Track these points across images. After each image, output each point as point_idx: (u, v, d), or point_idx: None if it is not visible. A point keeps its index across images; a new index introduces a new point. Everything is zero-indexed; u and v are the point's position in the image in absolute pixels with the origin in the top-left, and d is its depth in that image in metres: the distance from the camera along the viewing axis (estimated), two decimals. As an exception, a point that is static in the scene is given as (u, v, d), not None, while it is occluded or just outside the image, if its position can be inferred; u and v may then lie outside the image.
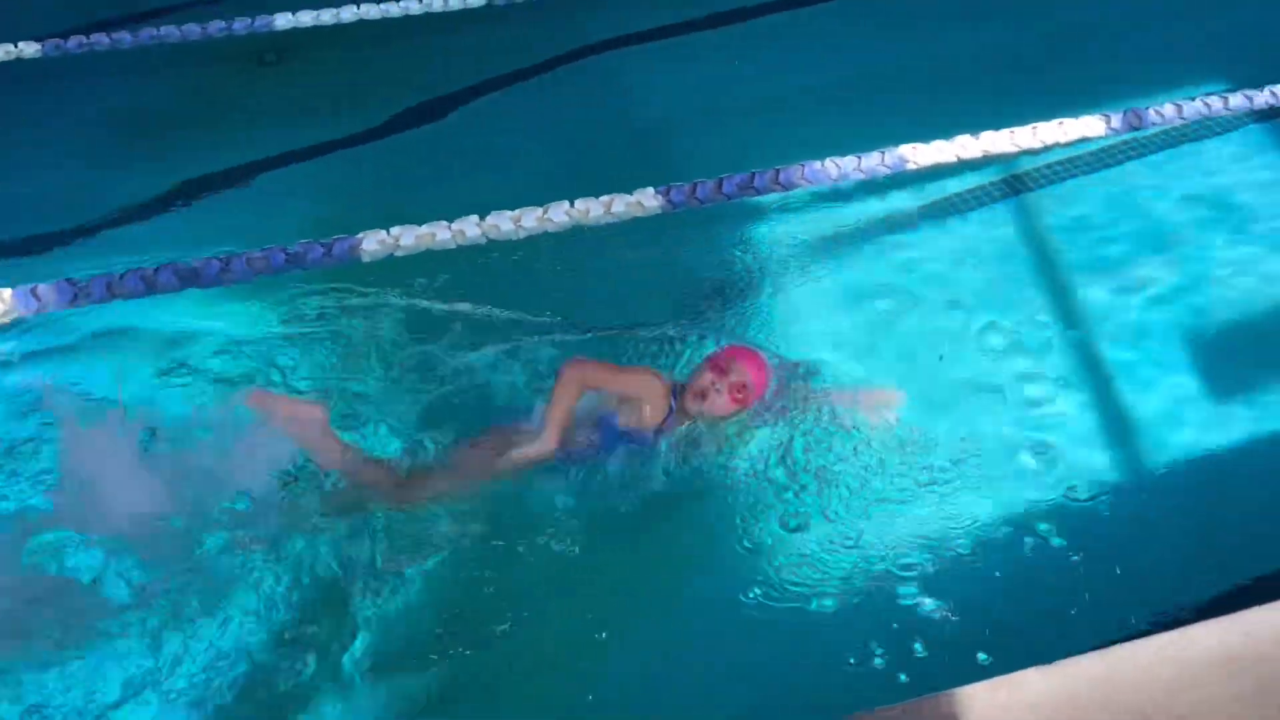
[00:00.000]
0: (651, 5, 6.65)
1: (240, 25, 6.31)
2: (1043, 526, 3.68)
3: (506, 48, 6.44)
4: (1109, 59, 5.96)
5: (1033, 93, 5.63)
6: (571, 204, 4.90)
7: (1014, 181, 5.24)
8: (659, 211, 4.89)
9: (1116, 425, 4.13)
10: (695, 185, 4.99)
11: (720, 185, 5.00)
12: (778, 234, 4.94)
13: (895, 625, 3.37)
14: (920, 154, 5.16)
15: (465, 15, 6.60)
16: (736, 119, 5.77)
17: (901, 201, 5.10)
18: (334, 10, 6.45)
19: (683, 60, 6.33)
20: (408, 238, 4.72)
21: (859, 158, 5.16)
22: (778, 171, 5.08)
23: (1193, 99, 5.48)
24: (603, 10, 6.62)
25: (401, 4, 6.70)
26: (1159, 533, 3.69)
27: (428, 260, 4.69)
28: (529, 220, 4.82)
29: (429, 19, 6.60)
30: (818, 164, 5.12)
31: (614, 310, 4.46)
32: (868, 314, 4.61)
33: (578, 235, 4.84)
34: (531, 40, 6.50)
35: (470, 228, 4.77)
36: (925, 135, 5.21)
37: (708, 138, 5.59)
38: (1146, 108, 5.41)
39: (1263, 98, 5.51)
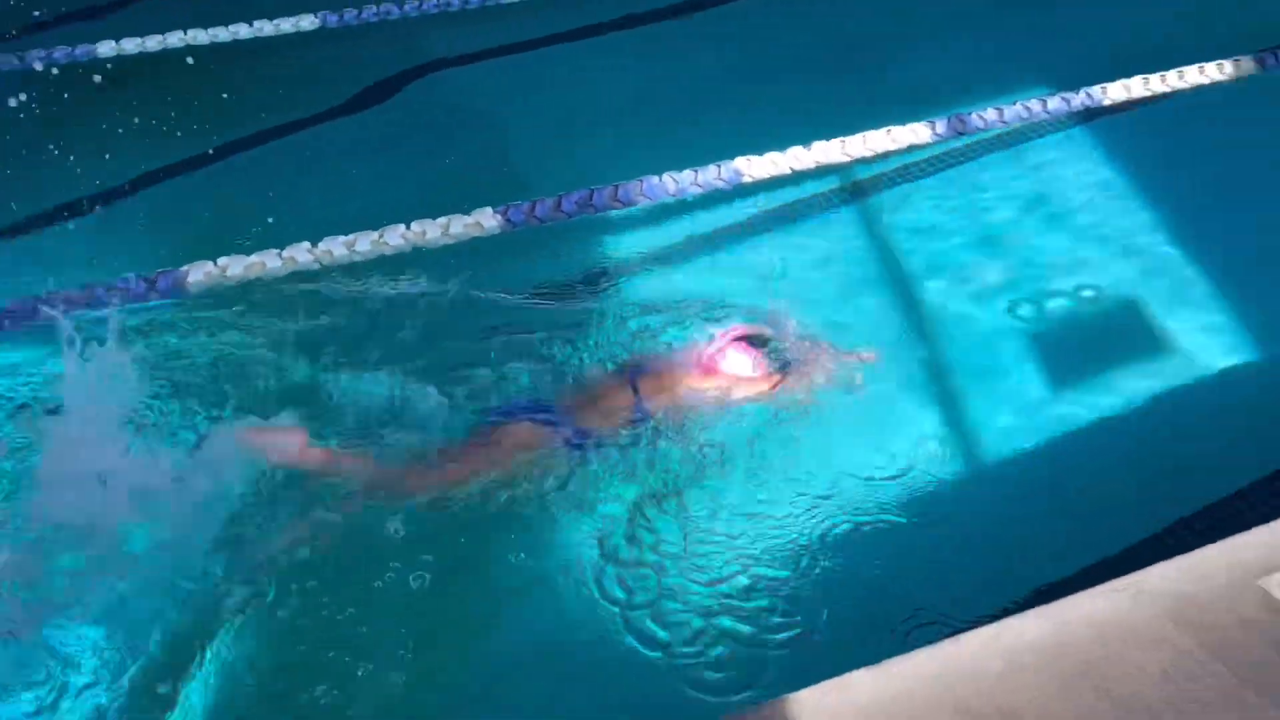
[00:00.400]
0: (488, 25, 6.58)
1: (61, 54, 6.04)
2: (870, 528, 3.69)
3: (343, 70, 6.31)
4: (933, 68, 6.10)
5: (862, 103, 5.73)
6: (408, 226, 4.78)
7: (848, 190, 5.30)
8: (498, 231, 4.82)
9: (952, 423, 4.18)
10: (534, 204, 4.93)
11: (559, 203, 4.96)
12: (617, 249, 4.90)
13: (742, 633, 3.33)
14: (755, 166, 5.19)
15: (299, 38, 6.44)
16: (577, 137, 5.74)
17: (739, 213, 5.11)
18: (159, 36, 6.22)
19: (522, 80, 6.27)
20: (236, 268, 4.54)
21: (696, 171, 5.17)
22: (616, 188, 5.06)
23: (1014, 103, 5.62)
24: (438, 30, 6.53)
25: (231, 28, 6.50)
26: (985, 525, 3.73)
27: (259, 287, 4.53)
28: (363, 245, 4.68)
29: (260, 42, 6.42)
30: (655, 179, 5.11)
31: (449, 333, 4.35)
32: (715, 324, 4.58)
33: (416, 258, 4.72)
34: (369, 61, 6.38)
35: (302, 254, 4.62)
36: (759, 148, 5.24)
37: (548, 157, 5.54)
38: (970, 113, 5.53)
39: (1079, 99, 5.69)
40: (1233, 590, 2.56)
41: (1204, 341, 4.44)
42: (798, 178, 5.23)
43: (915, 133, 5.42)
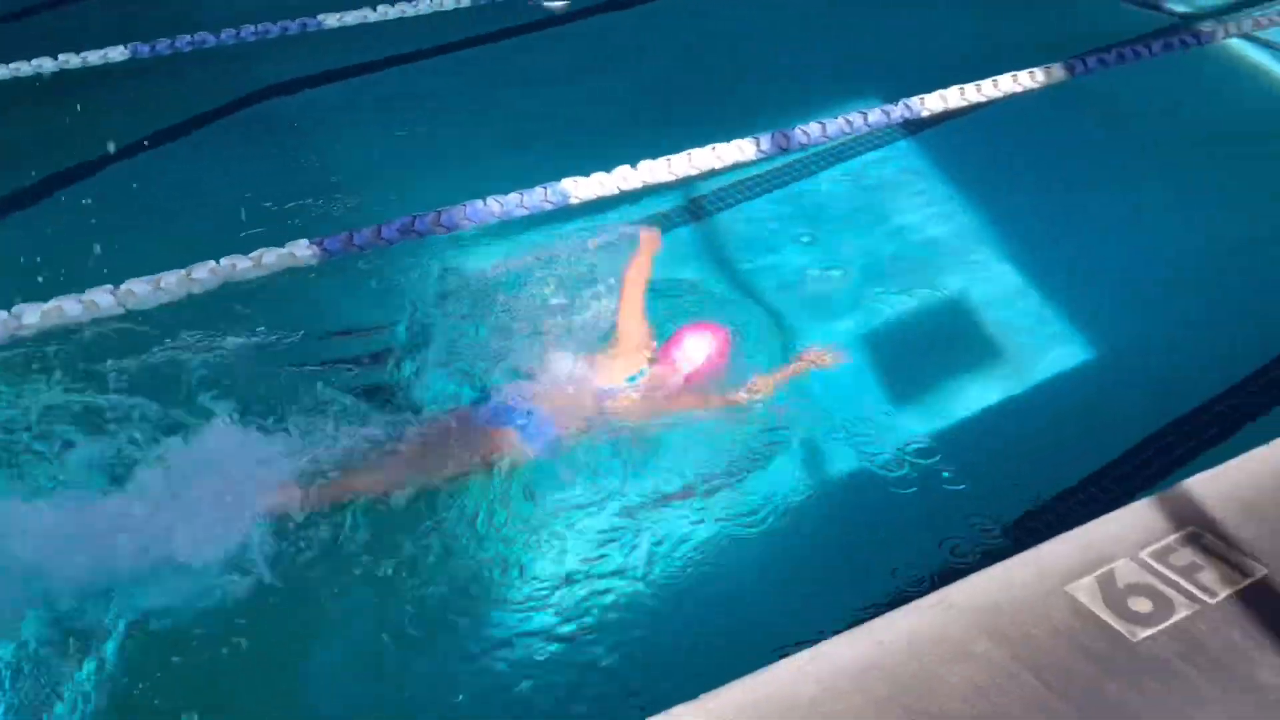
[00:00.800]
0: (309, 52, 6.37)
1: None
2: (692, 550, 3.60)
3: (155, 103, 6.01)
4: (758, 86, 6.13)
5: (688, 122, 5.70)
6: (218, 261, 4.54)
7: (676, 208, 5.24)
8: (314, 262, 4.60)
9: (782, 438, 4.12)
10: (352, 233, 4.74)
11: (379, 231, 4.77)
12: (440, 273, 4.73)
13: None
14: (582, 187, 5.09)
15: (106, 71, 6.12)
16: (401, 163, 5.57)
17: (568, 234, 5.00)
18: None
19: (344, 106, 6.08)
20: (31, 315, 4.24)
21: (521, 194, 5.05)
22: (439, 213, 4.90)
23: (836, 117, 5.65)
24: (256, 58, 6.29)
25: (35, 62, 6.15)
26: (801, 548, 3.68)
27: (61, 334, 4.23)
28: (169, 282, 4.42)
29: (67, 76, 6.09)
30: (480, 203, 4.97)
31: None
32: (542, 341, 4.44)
33: (226, 292, 4.48)
34: (183, 93, 6.09)
35: (103, 297, 4.33)
36: (586, 169, 5.14)
37: (371, 184, 5.35)
38: (794, 128, 5.53)
39: (899, 111, 5.75)
40: (1042, 599, 2.53)
41: (1031, 341, 4.50)
42: (625, 198, 5.14)
43: (741, 150, 5.40)
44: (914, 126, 5.84)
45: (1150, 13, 7.30)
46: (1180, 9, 7.33)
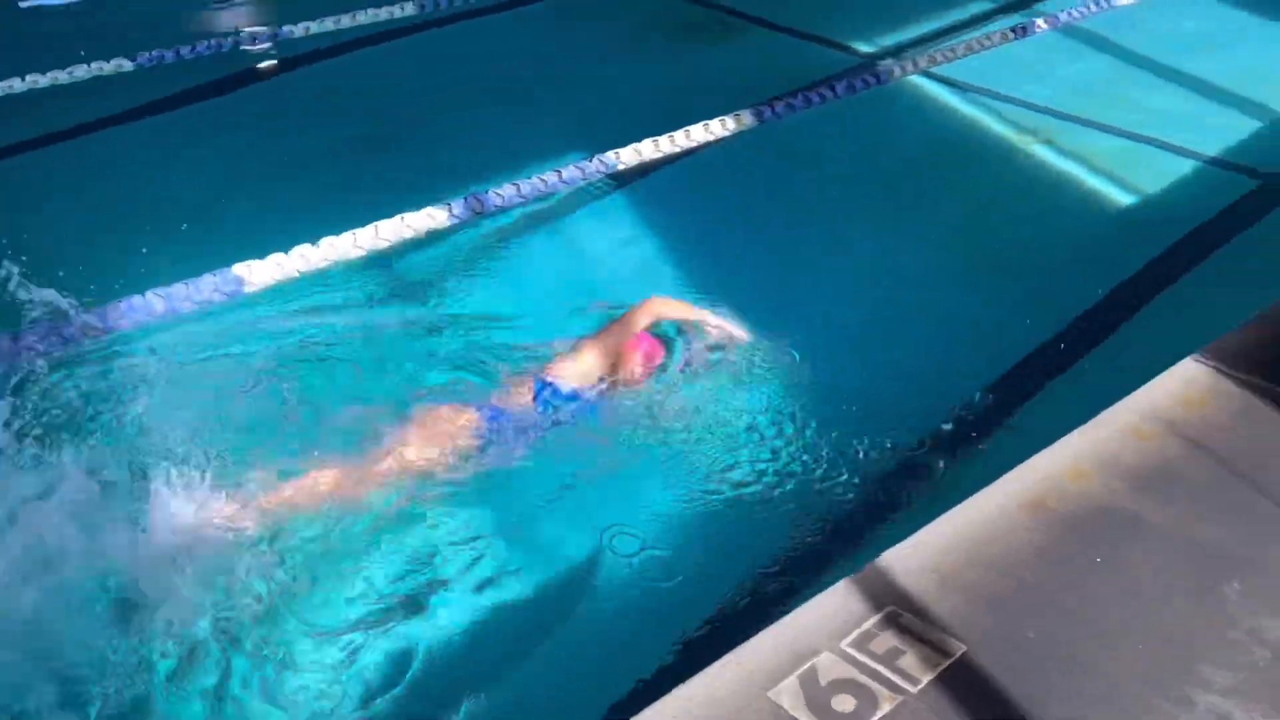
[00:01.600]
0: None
1: None
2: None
3: None
4: (449, 148, 5.82)
5: (372, 193, 5.32)
6: None
7: (369, 282, 4.84)
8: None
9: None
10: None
11: (15, 340, 4.16)
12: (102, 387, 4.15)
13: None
14: (257, 272, 4.63)
15: None
16: (55, 257, 4.91)
17: (242, 327, 4.51)
18: None
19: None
20: None
21: (188, 284, 4.54)
22: (91, 312, 4.30)
23: (530, 177, 5.41)
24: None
25: None
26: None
27: None
28: None
29: None
30: (139, 298, 4.43)
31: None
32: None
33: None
34: None
35: None
36: (260, 252, 4.68)
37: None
38: (487, 191, 5.26)
39: (594, 167, 5.59)
40: (743, 710, 2.31)
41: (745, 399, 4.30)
42: (308, 279, 4.71)
43: (432, 217, 5.06)
44: (613, 181, 5.68)
45: (837, 53, 7.48)
46: (863, 48, 7.54)
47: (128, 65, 6.65)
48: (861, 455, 3.75)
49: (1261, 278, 4.71)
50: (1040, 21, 7.67)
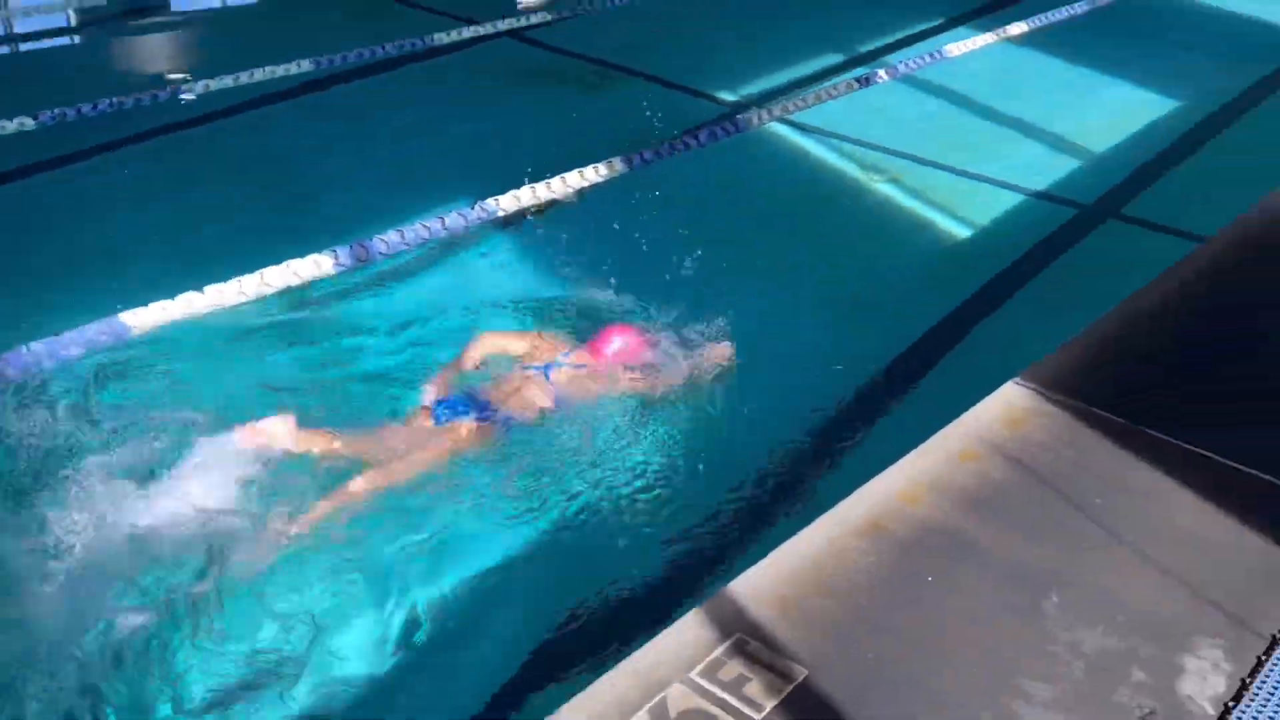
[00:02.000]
0: None
1: None
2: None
3: None
4: (337, 195, 5.68)
5: (254, 242, 5.14)
6: None
7: (249, 331, 4.67)
8: None
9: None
10: None
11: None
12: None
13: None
14: (141, 317, 4.41)
15: None
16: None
17: (130, 369, 4.30)
18: None
19: None
20: None
21: (79, 331, 4.29)
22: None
23: (414, 224, 5.27)
24: None
25: None
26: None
27: None
28: None
29: None
30: (24, 349, 4.18)
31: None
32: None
33: None
34: None
35: None
36: (144, 299, 4.46)
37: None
38: (372, 238, 5.11)
39: (475, 214, 5.49)
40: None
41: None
42: (191, 324, 4.49)
43: (318, 264, 4.91)
44: (494, 226, 5.61)
45: (705, 102, 7.50)
46: (727, 97, 7.57)
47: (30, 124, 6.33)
48: (714, 480, 3.72)
49: (1076, 302, 4.81)
50: (882, 72, 7.83)
